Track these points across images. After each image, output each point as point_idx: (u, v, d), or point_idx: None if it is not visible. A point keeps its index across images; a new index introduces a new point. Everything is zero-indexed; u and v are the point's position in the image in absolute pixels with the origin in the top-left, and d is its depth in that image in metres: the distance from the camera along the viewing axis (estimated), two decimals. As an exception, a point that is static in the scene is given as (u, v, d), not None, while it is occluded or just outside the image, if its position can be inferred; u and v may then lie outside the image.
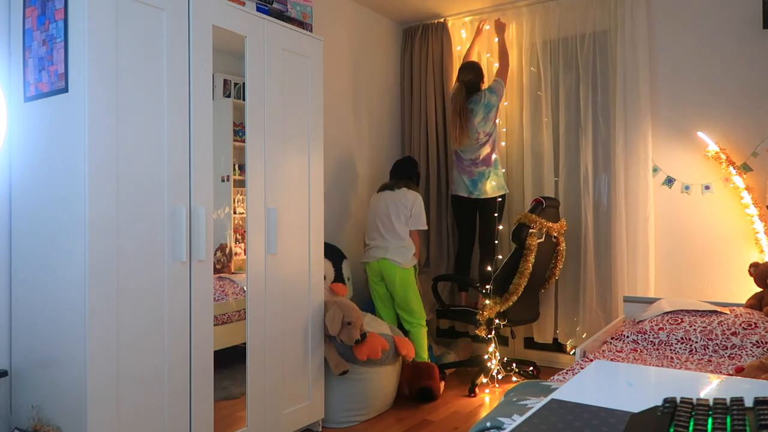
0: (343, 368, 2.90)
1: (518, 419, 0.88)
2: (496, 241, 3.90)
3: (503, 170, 3.96)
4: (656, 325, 2.78)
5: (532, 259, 3.42)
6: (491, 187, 3.83)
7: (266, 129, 2.60)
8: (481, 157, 3.82)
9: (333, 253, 3.59)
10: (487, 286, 3.61)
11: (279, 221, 2.64)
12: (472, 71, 3.86)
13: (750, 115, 3.36)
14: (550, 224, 3.52)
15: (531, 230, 3.42)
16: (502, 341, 4.27)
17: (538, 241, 3.46)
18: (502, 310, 3.49)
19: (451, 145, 4.02)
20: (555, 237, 3.63)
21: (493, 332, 3.60)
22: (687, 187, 3.55)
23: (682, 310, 2.87)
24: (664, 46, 3.61)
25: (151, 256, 2.10)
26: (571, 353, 3.90)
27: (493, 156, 3.84)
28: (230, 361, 2.48)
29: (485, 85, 3.92)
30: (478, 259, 4.00)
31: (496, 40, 4.02)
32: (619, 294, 3.66)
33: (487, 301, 3.51)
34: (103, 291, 1.94)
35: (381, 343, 3.00)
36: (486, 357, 3.67)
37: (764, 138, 3.31)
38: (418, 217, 3.60)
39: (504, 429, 1.55)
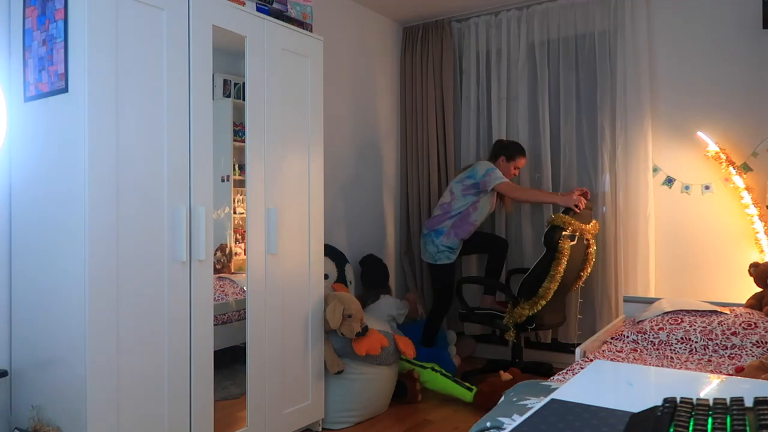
0: (338, 367, 2.90)
1: (518, 419, 0.88)
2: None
3: (443, 244, 3.70)
4: (656, 325, 2.78)
5: (564, 262, 3.23)
6: (425, 250, 3.78)
7: (266, 129, 2.59)
8: (430, 218, 3.81)
9: (336, 255, 3.60)
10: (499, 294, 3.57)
11: (279, 221, 2.64)
12: (496, 146, 3.79)
13: (750, 115, 3.36)
14: (584, 226, 3.37)
15: (564, 232, 3.25)
16: (502, 342, 4.27)
17: (571, 243, 3.29)
18: (531, 314, 3.34)
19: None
20: (586, 239, 3.48)
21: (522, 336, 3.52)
22: (687, 187, 3.55)
23: (682, 310, 2.87)
24: (664, 46, 3.61)
25: (151, 256, 2.10)
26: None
27: (436, 225, 3.71)
28: (230, 361, 2.48)
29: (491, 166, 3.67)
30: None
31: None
32: (619, 294, 3.66)
33: (514, 306, 3.40)
34: (103, 291, 1.94)
35: (380, 340, 3.00)
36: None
37: (764, 138, 3.31)
38: None
39: (504, 429, 1.55)
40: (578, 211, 3.32)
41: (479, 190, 3.63)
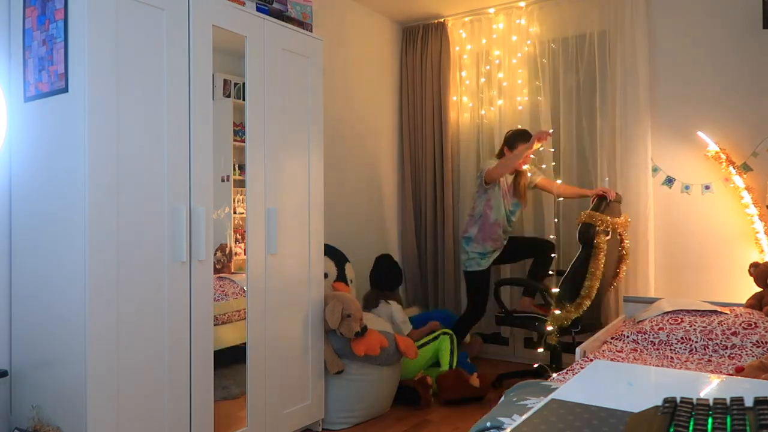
0: (338, 368, 2.90)
1: (518, 419, 0.88)
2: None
3: (473, 251, 3.68)
4: (656, 325, 2.78)
5: (602, 258, 3.12)
6: (461, 256, 3.79)
7: (266, 129, 2.60)
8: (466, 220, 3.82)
9: (335, 254, 3.60)
10: (551, 291, 3.41)
11: (279, 221, 2.64)
12: (503, 141, 3.69)
13: (750, 115, 3.36)
14: (616, 220, 3.28)
15: (598, 228, 3.14)
16: (502, 341, 4.28)
17: (607, 239, 3.17)
18: (576, 316, 3.16)
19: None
20: (619, 234, 3.41)
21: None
22: (687, 187, 3.55)
23: (682, 310, 2.87)
24: (664, 46, 3.61)
25: (151, 256, 2.10)
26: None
27: (468, 230, 3.71)
28: (230, 361, 2.48)
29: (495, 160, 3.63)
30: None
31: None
32: (619, 294, 3.66)
33: (559, 308, 3.23)
34: (103, 291, 1.94)
35: (380, 340, 2.99)
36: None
37: (764, 138, 3.31)
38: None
39: (504, 429, 1.55)
40: (541, 145, 3.47)
41: (485, 186, 3.62)
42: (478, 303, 3.71)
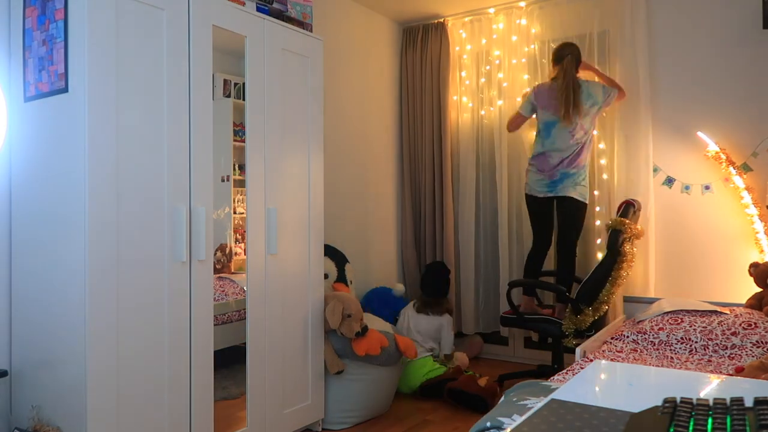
0: (338, 368, 2.90)
1: (518, 419, 0.88)
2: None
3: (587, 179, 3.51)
4: (656, 325, 2.78)
5: (627, 267, 3.18)
6: (573, 189, 3.43)
7: (266, 129, 2.60)
8: (570, 158, 3.42)
9: (335, 255, 3.60)
10: (556, 298, 3.36)
11: (279, 221, 2.64)
12: (573, 47, 3.48)
13: (750, 115, 3.36)
14: (638, 229, 3.28)
15: (625, 236, 3.13)
16: (502, 341, 4.28)
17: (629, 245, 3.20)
18: (594, 319, 3.17)
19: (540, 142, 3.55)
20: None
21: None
22: (687, 187, 3.55)
23: (682, 310, 2.87)
24: (664, 46, 3.61)
25: (151, 256, 2.10)
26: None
27: (584, 161, 3.45)
28: (230, 361, 2.48)
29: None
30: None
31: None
32: (619, 294, 3.66)
33: (576, 312, 3.22)
34: (102, 291, 1.95)
35: (380, 340, 3.00)
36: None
37: (764, 138, 3.31)
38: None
39: (504, 429, 1.55)
40: None
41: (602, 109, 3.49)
42: (577, 237, 3.51)
